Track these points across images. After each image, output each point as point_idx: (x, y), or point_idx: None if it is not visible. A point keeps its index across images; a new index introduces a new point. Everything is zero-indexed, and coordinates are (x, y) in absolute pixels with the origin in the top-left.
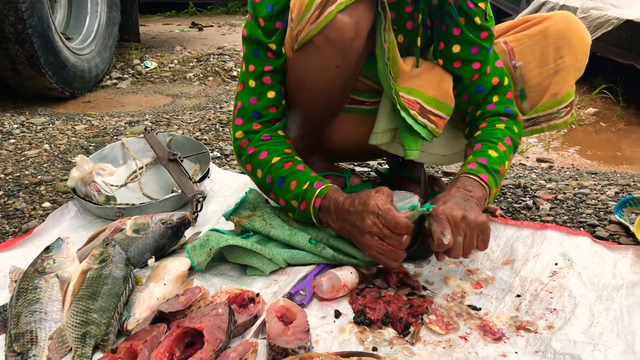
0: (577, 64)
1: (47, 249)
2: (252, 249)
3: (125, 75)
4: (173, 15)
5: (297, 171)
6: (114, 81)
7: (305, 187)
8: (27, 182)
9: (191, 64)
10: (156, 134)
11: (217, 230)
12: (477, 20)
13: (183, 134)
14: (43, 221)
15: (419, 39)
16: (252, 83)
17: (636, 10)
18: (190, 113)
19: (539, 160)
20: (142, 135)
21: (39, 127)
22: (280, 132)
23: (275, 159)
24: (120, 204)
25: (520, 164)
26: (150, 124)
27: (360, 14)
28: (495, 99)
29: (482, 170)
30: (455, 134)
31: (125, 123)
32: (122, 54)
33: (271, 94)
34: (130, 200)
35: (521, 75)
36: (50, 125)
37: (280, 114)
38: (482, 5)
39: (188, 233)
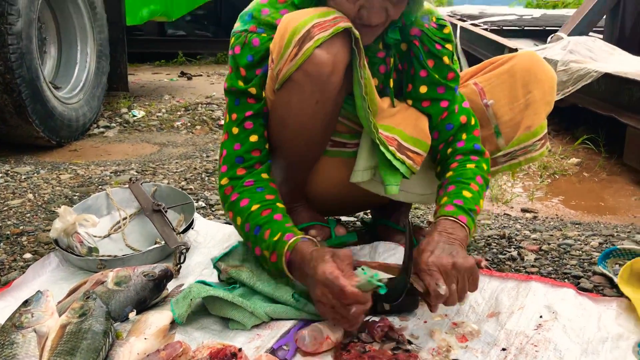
0: (546, 98)
1: (26, 303)
2: (234, 301)
3: (113, 124)
4: (162, 64)
5: (273, 220)
6: (101, 130)
7: (276, 238)
8: (8, 232)
9: (179, 113)
10: (141, 184)
11: (202, 282)
12: (446, 59)
13: (168, 183)
14: (23, 273)
15: (391, 80)
16: (235, 130)
17: (613, 64)
18: (176, 162)
19: (524, 211)
20: (127, 186)
21: (23, 177)
22: (265, 175)
23: (254, 207)
24: (102, 256)
25: (505, 214)
26: (135, 173)
27: (336, 49)
28: (464, 136)
29: (459, 212)
30: (432, 174)
31: (111, 172)
32: (110, 102)
33: (254, 138)
34: (113, 252)
35: (494, 113)
36: (35, 174)
37: (264, 158)
38: (449, 46)
39: (170, 285)
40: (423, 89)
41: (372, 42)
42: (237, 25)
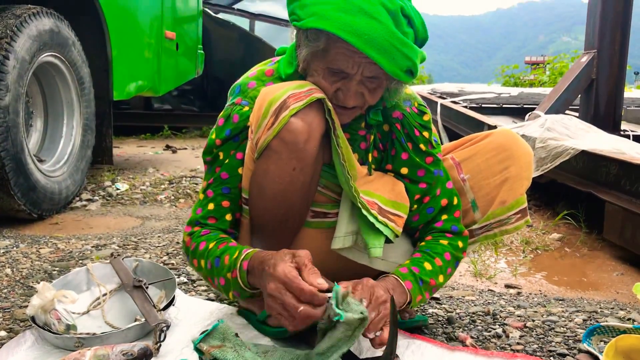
0: (523, 174)
1: None
2: None
3: (96, 197)
4: (148, 137)
5: (230, 247)
6: (84, 203)
7: (235, 256)
8: None
9: (163, 186)
10: (122, 259)
11: None
12: (422, 147)
13: (150, 258)
14: None
15: (370, 155)
16: (201, 196)
17: (589, 141)
18: (159, 236)
19: (508, 286)
20: (108, 261)
21: (2, 251)
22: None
23: (211, 245)
24: (80, 334)
25: (489, 290)
26: (117, 247)
27: (311, 117)
28: (443, 217)
29: (409, 277)
30: (412, 246)
31: (92, 246)
32: (94, 175)
33: (211, 206)
34: (91, 329)
35: (470, 187)
36: (14, 248)
37: (220, 225)
38: (426, 134)
39: None
40: (404, 170)
41: (349, 122)
42: (229, 99)
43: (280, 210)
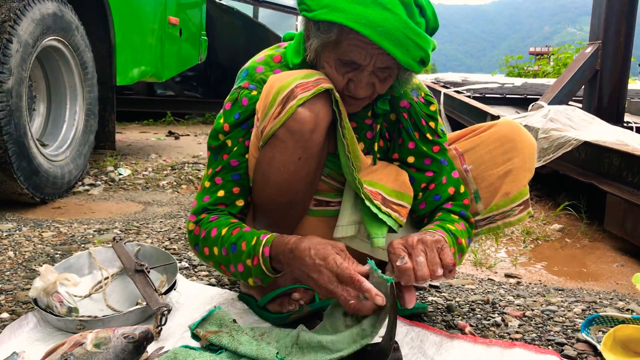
0: (526, 165)
1: None
2: None
3: (98, 182)
4: (150, 123)
5: (245, 233)
6: (86, 187)
7: (253, 242)
8: None
9: (165, 172)
10: (124, 243)
11: (186, 347)
12: (429, 136)
13: (152, 242)
14: None
15: (376, 144)
16: (207, 184)
17: (592, 132)
18: (160, 221)
19: (507, 276)
20: (110, 245)
21: (4, 234)
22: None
23: (224, 231)
24: (82, 316)
25: (488, 279)
26: (119, 232)
27: (318, 108)
28: (450, 203)
29: (439, 228)
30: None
31: (94, 231)
32: (96, 160)
33: (221, 193)
34: (93, 312)
35: (473, 178)
36: (17, 231)
37: (232, 210)
38: (432, 124)
39: (150, 348)
40: (410, 159)
41: (357, 111)
42: (236, 83)
43: (283, 198)
